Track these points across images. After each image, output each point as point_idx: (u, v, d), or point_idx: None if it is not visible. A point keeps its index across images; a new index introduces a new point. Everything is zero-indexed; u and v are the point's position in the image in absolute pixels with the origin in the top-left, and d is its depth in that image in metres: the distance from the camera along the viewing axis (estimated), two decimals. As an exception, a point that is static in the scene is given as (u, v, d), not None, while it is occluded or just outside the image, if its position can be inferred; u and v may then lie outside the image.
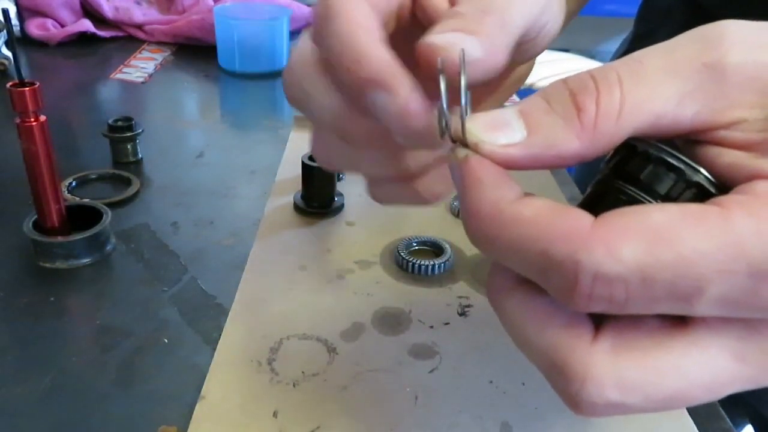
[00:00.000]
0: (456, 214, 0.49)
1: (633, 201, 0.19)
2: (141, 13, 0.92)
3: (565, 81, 0.19)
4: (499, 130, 0.19)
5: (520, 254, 0.18)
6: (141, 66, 0.81)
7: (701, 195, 0.19)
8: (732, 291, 0.16)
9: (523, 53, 0.26)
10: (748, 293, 0.16)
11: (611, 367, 0.18)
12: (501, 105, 0.28)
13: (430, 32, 0.22)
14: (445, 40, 0.21)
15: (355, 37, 0.21)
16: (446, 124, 0.20)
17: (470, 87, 0.20)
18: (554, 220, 0.17)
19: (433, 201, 0.26)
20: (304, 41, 0.25)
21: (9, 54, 0.75)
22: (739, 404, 0.57)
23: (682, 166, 0.19)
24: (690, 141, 0.20)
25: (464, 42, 0.21)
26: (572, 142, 0.18)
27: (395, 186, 0.26)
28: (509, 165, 0.19)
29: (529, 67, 0.33)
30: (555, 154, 0.18)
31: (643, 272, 0.16)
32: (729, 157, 0.19)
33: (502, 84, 0.31)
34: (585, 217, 0.17)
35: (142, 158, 0.57)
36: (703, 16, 0.50)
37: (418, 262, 0.42)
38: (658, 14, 0.57)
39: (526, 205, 0.18)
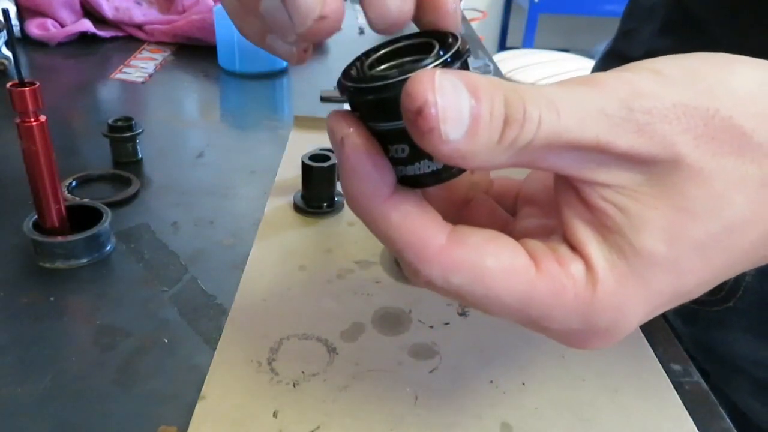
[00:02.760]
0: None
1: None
2: (141, 13, 0.92)
3: (505, 102, 0.20)
4: (456, 127, 0.20)
5: (381, 239, 0.23)
6: (141, 66, 0.81)
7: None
8: (517, 322, 0.23)
9: None
10: (528, 326, 0.24)
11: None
12: None
13: None
14: None
15: None
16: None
17: None
18: (413, 231, 0.22)
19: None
20: None
21: (9, 54, 0.75)
22: (719, 397, 0.57)
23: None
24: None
25: None
26: (485, 156, 0.20)
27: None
28: (435, 153, 0.20)
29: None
30: (470, 160, 0.20)
31: (458, 293, 0.22)
32: (577, 207, 0.23)
33: None
34: (438, 235, 0.22)
35: (142, 158, 0.57)
36: (683, 14, 0.50)
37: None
38: (641, 12, 0.57)
39: (394, 209, 0.22)
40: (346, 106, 0.25)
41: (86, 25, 0.87)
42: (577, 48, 2.69)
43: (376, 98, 0.21)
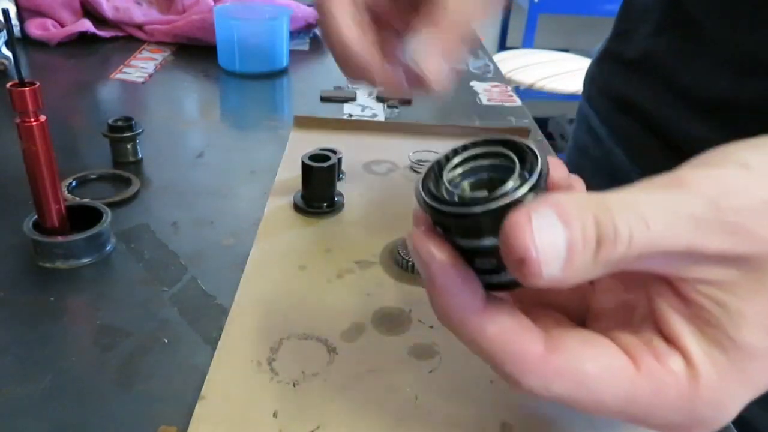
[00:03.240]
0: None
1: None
2: (141, 13, 0.92)
3: (596, 224, 0.20)
4: (556, 263, 0.20)
5: (477, 352, 0.23)
6: (141, 66, 0.81)
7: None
8: (619, 419, 0.23)
9: None
10: (629, 422, 0.24)
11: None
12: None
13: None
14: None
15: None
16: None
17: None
18: (510, 343, 0.22)
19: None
20: None
21: (9, 54, 0.75)
22: None
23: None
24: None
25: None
26: (582, 275, 0.21)
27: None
28: (535, 286, 0.20)
29: None
30: (566, 283, 0.21)
31: (560, 399, 0.22)
32: (673, 306, 0.23)
33: None
34: (536, 344, 0.22)
35: (142, 158, 0.57)
36: (678, 15, 0.50)
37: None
38: (636, 13, 0.57)
39: (489, 321, 0.22)
40: (347, 106, 0.25)
41: (86, 25, 0.87)
42: (577, 48, 2.69)
43: (463, 223, 0.22)
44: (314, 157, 0.49)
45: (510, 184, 0.21)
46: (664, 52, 0.53)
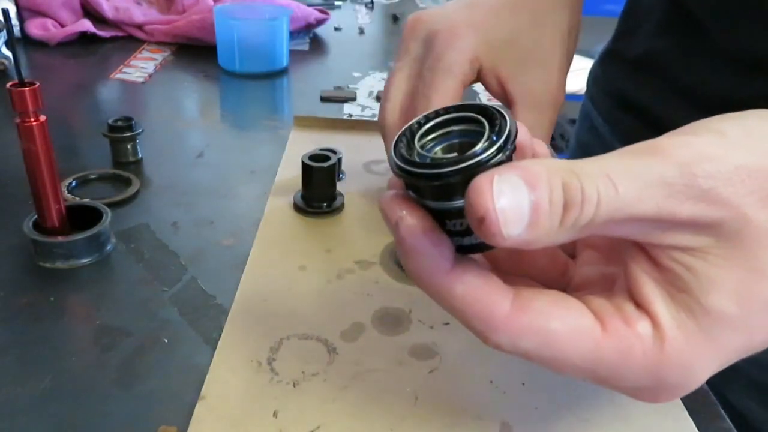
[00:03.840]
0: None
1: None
2: (141, 13, 0.92)
3: (563, 187, 0.21)
4: (518, 224, 0.20)
5: (447, 310, 0.24)
6: (141, 66, 0.81)
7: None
8: (586, 380, 0.24)
9: None
10: (597, 383, 0.24)
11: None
12: None
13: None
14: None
15: None
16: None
17: None
18: (477, 301, 0.23)
19: None
20: None
21: (9, 54, 0.75)
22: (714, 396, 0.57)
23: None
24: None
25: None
26: (549, 238, 0.21)
27: None
28: (499, 246, 0.21)
29: None
30: (533, 245, 0.21)
31: (527, 356, 0.23)
32: (646, 269, 0.23)
33: None
34: (503, 303, 0.23)
35: (142, 158, 0.57)
36: (680, 14, 0.51)
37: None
38: (639, 12, 0.57)
39: (457, 281, 0.23)
40: (347, 106, 0.25)
41: (86, 25, 0.87)
42: (577, 48, 2.69)
43: (433, 184, 0.22)
44: (314, 157, 0.49)
45: (479, 146, 0.22)
46: (666, 51, 0.53)
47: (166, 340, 0.36)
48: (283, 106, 0.76)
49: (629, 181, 0.21)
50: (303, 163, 0.48)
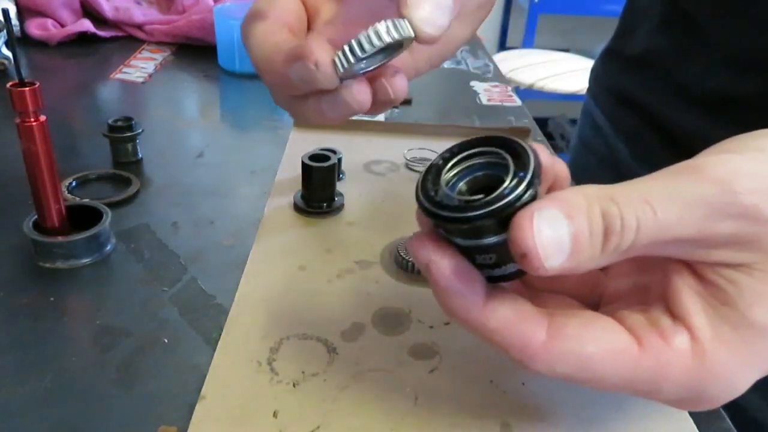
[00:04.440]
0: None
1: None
2: (141, 13, 0.92)
3: (602, 215, 0.21)
4: (558, 255, 0.21)
5: (486, 341, 0.24)
6: (141, 66, 0.81)
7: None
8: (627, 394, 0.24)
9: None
10: (638, 396, 0.24)
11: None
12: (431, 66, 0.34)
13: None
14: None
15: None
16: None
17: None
18: (513, 334, 0.23)
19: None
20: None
21: (9, 54, 0.75)
22: None
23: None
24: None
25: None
26: (592, 264, 0.22)
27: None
28: (540, 274, 0.21)
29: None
30: (575, 272, 0.22)
31: (566, 379, 0.24)
32: (689, 283, 0.23)
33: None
34: (538, 332, 0.23)
35: (142, 158, 0.57)
36: (678, 14, 0.51)
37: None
38: (638, 11, 0.58)
39: (491, 316, 0.23)
40: None
41: (86, 25, 0.87)
42: (577, 48, 2.69)
43: (463, 226, 0.22)
44: (314, 157, 0.49)
45: (507, 185, 0.22)
46: (665, 50, 0.53)
47: (166, 340, 0.36)
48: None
49: (668, 204, 0.21)
50: (303, 163, 0.48)
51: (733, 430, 0.33)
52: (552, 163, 0.26)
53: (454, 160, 0.25)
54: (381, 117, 0.68)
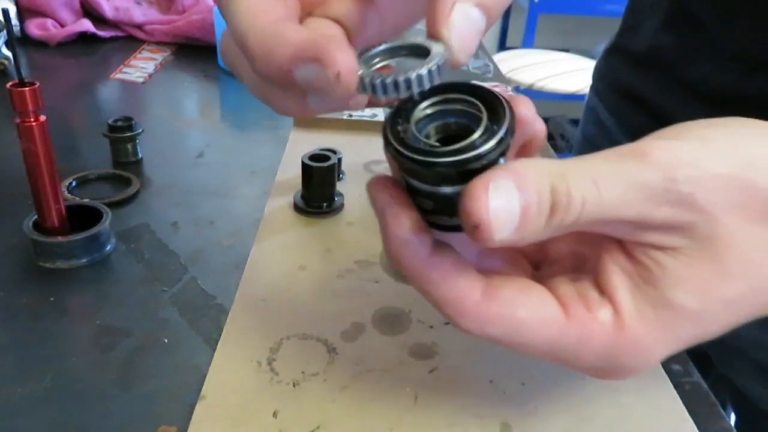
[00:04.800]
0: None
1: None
2: (141, 13, 0.92)
3: (551, 191, 0.22)
4: (508, 228, 0.21)
5: (424, 294, 0.25)
6: (141, 66, 0.81)
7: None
8: (549, 361, 0.25)
9: None
10: (559, 364, 0.25)
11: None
12: None
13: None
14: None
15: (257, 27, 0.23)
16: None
17: None
18: (450, 290, 0.24)
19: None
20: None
21: (9, 54, 0.75)
22: (720, 381, 0.57)
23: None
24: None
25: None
26: (534, 237, 0.22)
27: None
28: (488, 246, 0.22)
29: None
30: (519, 244, 0.23)
31: (495, 341, 0.24)
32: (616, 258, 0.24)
33: None
34: (474, 291, 0.24)
35: (142, 158, 0.57)
36: (684, 13, 0.51)
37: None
38: (644, 8, 0.58)
39: (434, 269, 0.24)
40: None
41: (86, 25, 0.87)
42: (577, 48, 2.69)
43: (423, 170, 0.22)
44: (314, 157, 0.49)
45: (477, 137, 0.22)
46: (670, 48, 0.53)
47: (166, 340, 0.36)
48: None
49: (613, 185, 0.22)
50: (303, 163, 0.48)
51: (733, 430, 0.33)
52: (533, 120, 0.26)
53: (430, 100, 0.24)
54: (381, 117, 0.68)
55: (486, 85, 0.24)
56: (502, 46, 2.89)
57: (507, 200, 0.21)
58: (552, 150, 0.66)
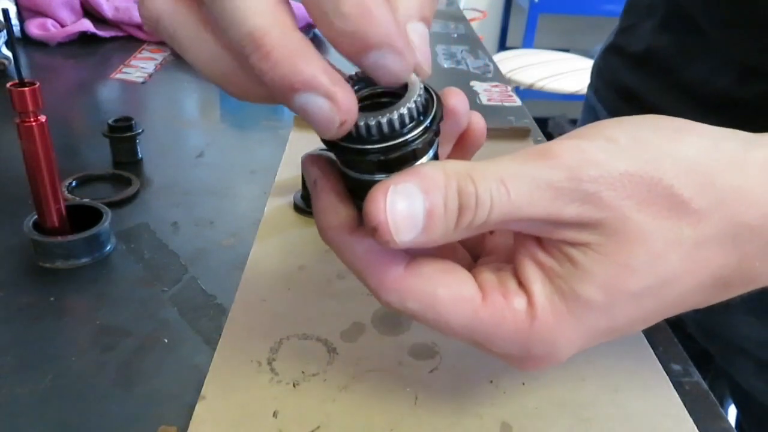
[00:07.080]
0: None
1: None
2: (141, 13, 0.92)
3: (459, 192, 0.22)
4: (410, 231, 0.22)
5: (348, 265, 0.26)
6: (141, 66, 0.81)
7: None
8: (464, 342, 0.27)
9: None
10: (474, 346, 0.27)
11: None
12: None
13: None
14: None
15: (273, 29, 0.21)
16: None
17: None
18: (374, 261, 0.25)
19: None
20: None
21: (9, 54, 0.75)
22: (721, 377, 0.57)
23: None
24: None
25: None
26: (445, 239, 0.23)
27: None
28: (391, 247, 0.23)
29: None
30: (429, 245, 0.24)
31: (413, 315, 0.25)
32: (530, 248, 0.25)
33: None
34: (397, 266, 0.25)
35: (142, 158, 0.57)
36: (681, 16, 0.51)
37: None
38: (641, 8, 0.58)
39: (358, 241, 0.25)
40: None
41: (86, 25, 0.87)
42: (577, 48, 2.69)
43: (347, 156, 0.24)
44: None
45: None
46: (668, 49, 0.53)
47: (166, 340, 0.36)
48: (284, 106, 0.76)
49: (521, 185, 0.22)
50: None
51: (733, 429, 0.33)
52: (464, 111, 0.27)
53: (363, 93, 0.24)
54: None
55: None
56: (502, 46, 2.90)
57: (409, 203, 0.22)
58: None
